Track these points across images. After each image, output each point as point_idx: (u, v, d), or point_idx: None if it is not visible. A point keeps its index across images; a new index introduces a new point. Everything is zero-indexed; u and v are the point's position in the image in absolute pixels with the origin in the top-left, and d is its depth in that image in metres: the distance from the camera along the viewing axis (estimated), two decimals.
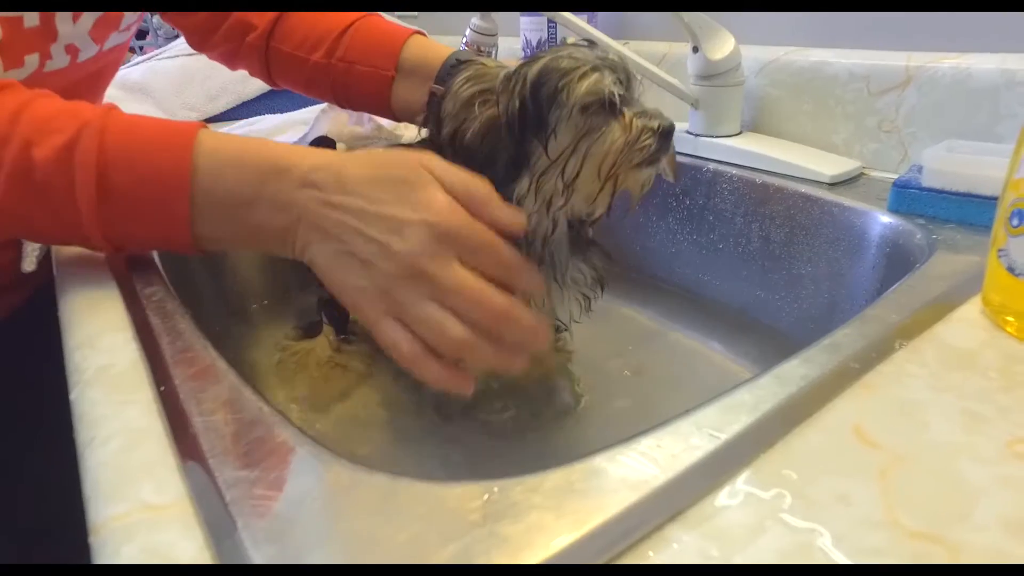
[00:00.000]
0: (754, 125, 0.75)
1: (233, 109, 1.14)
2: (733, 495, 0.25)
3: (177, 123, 0.40)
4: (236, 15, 0.61)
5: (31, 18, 0.48)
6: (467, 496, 0.24)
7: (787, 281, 0.64)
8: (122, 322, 0.41)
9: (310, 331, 0.65)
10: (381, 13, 0.66)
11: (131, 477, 0.27)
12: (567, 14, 0.71)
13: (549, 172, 0.44)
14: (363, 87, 0.60)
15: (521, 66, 0.44)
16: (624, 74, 0.44)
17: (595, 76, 0.42)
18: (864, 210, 0.56)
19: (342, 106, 0.65)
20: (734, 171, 0.68)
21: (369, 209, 0.36)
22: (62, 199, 0.38)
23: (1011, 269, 0.36)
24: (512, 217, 0.38)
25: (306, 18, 0.60)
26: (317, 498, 0.25)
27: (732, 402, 0.29)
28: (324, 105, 0.79)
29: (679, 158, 0.72)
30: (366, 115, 0.76)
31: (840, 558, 0.22)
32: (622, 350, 0.66)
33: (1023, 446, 0.27)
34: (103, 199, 0.38)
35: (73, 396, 0.34)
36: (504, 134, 0.43)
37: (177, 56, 1.17)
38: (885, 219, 0.54)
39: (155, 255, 0.51)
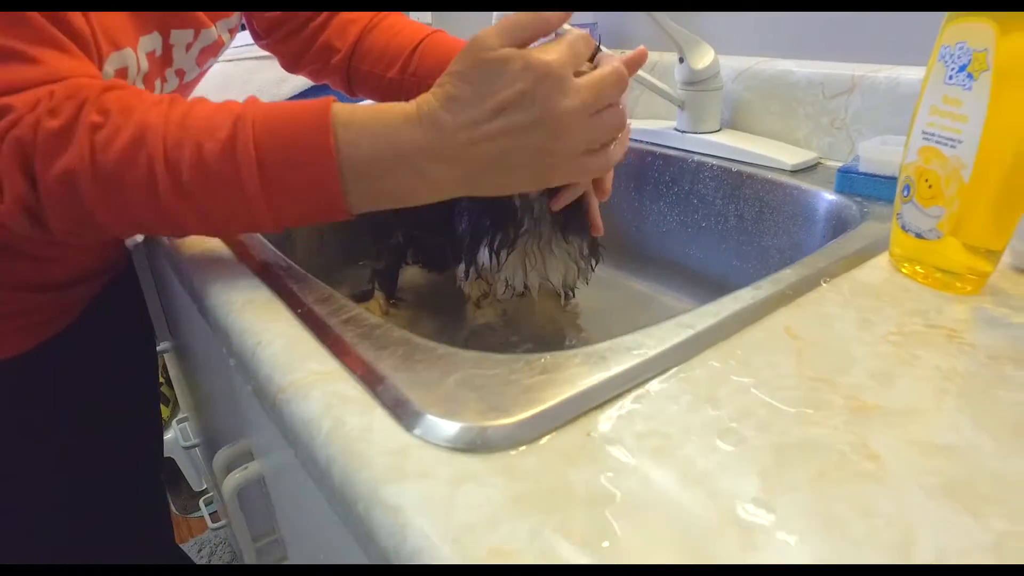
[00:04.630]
0: (731, 123, 0.88)
1: None
2: (700, 365, 0.39)
3: (310, 105, 0.43)
4: (321, 40, 0.71)
5: (159, 50, 0.59)
6: (529, 361, 0.38)
7: (757, 252, 0.78)
8: (246, 271, 0.54)
9: (362, 297, 0.78)
10: (403, 14, 0.74)
11: (298, 359, 0.40)
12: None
13: None
14: None
15: None
16: None
17: None
18: (816, 191, 0.70)
19: None
20: (714, 162, 0.81)
21: (497, 109, 0.41)
22: (234, 189, 0.43)
23: (905, 228, 0.49)
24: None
25: (380, 38, 0.70)
26: (431, 367, 0.38)
27: (702, 311, 0.43)
28: None
29: (670, 152, 0.86)
30: None
31: (761, 396, 0.36)
32: (621, 311, 0.80)
33: (893, 336, 0.41)
34: (266, 186, 0.43)
35: (229, 320, 0.48)
36: None
37: (217, 62, 1.29)
38: (831, 197, 0.68)
39: None
